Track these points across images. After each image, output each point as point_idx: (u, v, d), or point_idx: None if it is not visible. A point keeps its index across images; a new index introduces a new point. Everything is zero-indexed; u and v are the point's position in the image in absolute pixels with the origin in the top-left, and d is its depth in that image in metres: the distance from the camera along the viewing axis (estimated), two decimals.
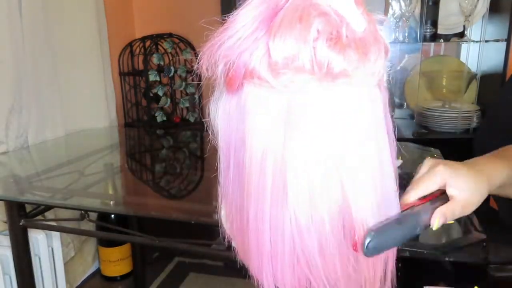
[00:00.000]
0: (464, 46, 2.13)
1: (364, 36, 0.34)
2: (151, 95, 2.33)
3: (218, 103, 0.40)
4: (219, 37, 0.36)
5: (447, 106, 1.99)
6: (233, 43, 0.35)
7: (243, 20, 0.35)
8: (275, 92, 0.35)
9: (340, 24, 0.33)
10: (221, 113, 0.40)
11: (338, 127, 0.35)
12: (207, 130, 0.43)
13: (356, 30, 0.34)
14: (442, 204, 0.50)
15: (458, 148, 1.54)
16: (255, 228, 0.38)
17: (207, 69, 0.38)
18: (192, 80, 2.41)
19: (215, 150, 0.43)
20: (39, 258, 1.62)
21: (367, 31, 0.35)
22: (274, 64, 0.33)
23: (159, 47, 2.35)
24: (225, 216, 0.44)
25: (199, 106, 2.46)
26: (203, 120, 0.43)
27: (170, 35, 2.35)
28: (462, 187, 0.51)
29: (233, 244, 0.44)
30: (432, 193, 0.51)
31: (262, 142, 0.36)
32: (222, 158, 0.41)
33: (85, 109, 2.08)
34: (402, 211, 0.43)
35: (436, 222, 0.49)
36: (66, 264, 1.83)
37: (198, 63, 0.39)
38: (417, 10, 1.94)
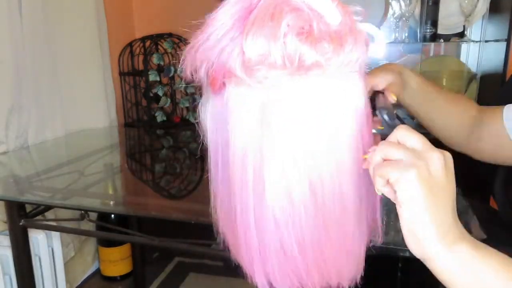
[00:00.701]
0: (464, 46, 2.13)
1: (340, 28, 0.34)
2: (151, 95, 2.33)
3: (207, 104, 0.41)
4: (198, 38, 0.37)
5: None
6: (211, 44, 0.35)
7: (220, 19, 0.36)
8: (252, 89, 0.35)
9: (313, 18, 0.34)
10: (209, 114, 0.40)
11: (311, 120, 0.35)
12: (197, 131, 0.43)
13: (331, 23, 0.34)
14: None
15: None
16: (242, 225, 0.39)
17: (190, 72, 0.39)
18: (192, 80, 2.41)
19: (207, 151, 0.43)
20: (39, 258, 1.62)
21: (343, 23, 0.35)
22: (248, 62, 0.34)
23: (159, 47, 2.35)
24: (217, 214, 0.44)
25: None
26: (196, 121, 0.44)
27: (170, 35, 2.35)
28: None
29: (226, 241, 0.45)
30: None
31: (243, 139, 0.36)
32: (211, 158, 0.42)
33: (85, 109, 2.08)
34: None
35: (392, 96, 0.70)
36: (66, 264, 1.83)
37: (181, 66, 0.39)
38: (417, 10, 1.94)
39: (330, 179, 0.36)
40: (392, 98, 0.69)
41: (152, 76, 2.28)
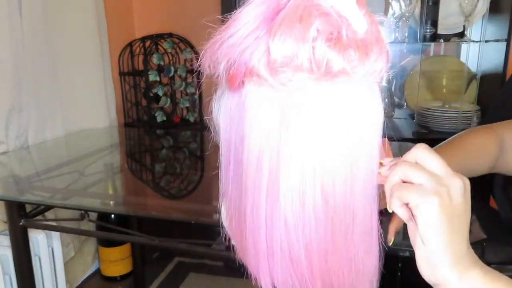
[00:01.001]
0: (464, 46, 2.13)
1: (366, 37, 0.35)
2: (151, 95, 2.33)
3: (220, 101, 0.40)
4: (220, 35, 0.37)
5: (447, 106, 1.99)
6: (234, 42, 0.35)
7: (244, 19, 0.35)
8: (274, 90, 0.35)
9: (341, 24, 0.34)
10: (223, 111, 0.40)
11: (333, 126, 0.35)
12: (208, 129, 0.43)
13: (358, 31, 0.34)
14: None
15: None
16: (252, 226, 0.38)
17: (209, 67, 0.38)
18: (192, 80, 2.42)
19: (215, 148, 0.43)
20: (39, 258, 1.62)
21: (369, 32, 0.35)
22: (273, 63, 0.33)
23: (159, 47, 2.35)
24: (225, 213, 0.44)
25: (199, 106, 2.46)
26: (204, 118, 0.44)
27: (170, 35, 2.35)
28: None
29: (232, 242, 0.44)
30: None
31: (259, 139, 0.36)
32: (223, 156, 0.42)
33: (85, 109, 2.08)
34: None
35: (392, 240, 0.63)
36: (66, 264, 1.83)
37: (200, 61, 0.39)
38: (417, 10, 1.94)
39: (343, 187, 0.36)
40: (389, 240, 0.69)
41: (152, 76, 2.28)
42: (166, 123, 2.36)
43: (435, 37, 1.92)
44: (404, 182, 0.38)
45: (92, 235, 2.08)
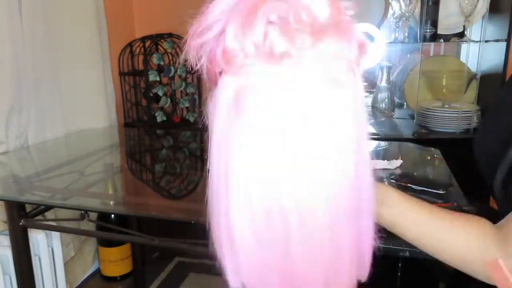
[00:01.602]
0: (464, 46, 2.13)
1: (325, 21, 0.34)
2: (151, 95, 2.33)
3: (210, 98, 0.41)
4: (195, 31, 0.38)
5: (447, 106, 2.00)
6: (204, 39, 0.36)
7: (211, 13, 0.36)
8: (231, 78, 0.35)
9: (293, 8, 0.33)
10: (211, 108, 0.40)
11: (281, 111, 0.34)
12: (204, 129, 0.43)
13: (318, 15, 0.34)
14: None
15: (458, 148, 1.54)
16: (217, 229, 0.39)
17: (196, 64, 0.39)
18: (192, 80, 2.41)
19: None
20: (39, 258, 1.62)
21: (330, 16, 0.34)
22: (226, 52, 0.34)
23: (159, 47, 2.35)
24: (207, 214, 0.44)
25: (199, 106, 2.46)
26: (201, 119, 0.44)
27: (170, 35, 2.35)
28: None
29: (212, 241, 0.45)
30: None
31: (219, 130, 0.36)
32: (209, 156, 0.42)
33: (85, 109, 2.08)
34: None
35: None
36: (66, 264, 1.83)
37: (184, 54, 0.40)
38: (417, 10, 1.94)
39: (306, 184, 0.34)
40: None
41: (152, 76, 2.28)
42: (166, 123, 2.36)
43: (435, 37, 1.92)
44: None
45: (92, 235, 2.08)
